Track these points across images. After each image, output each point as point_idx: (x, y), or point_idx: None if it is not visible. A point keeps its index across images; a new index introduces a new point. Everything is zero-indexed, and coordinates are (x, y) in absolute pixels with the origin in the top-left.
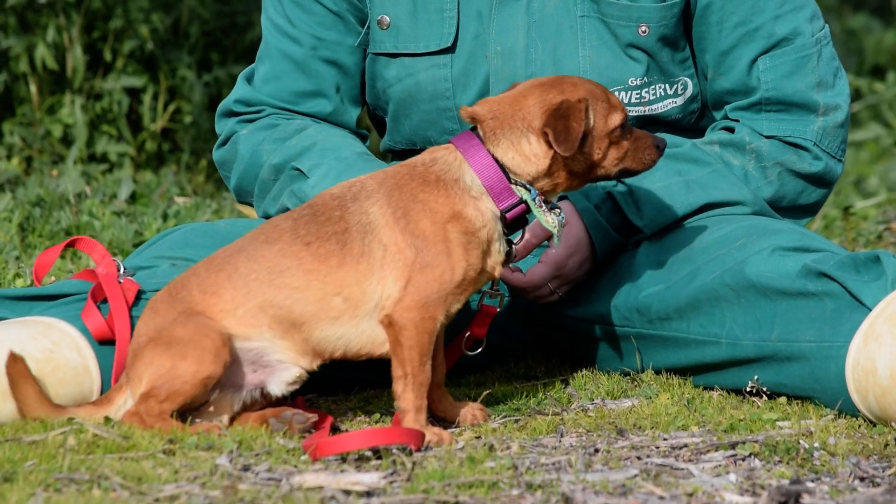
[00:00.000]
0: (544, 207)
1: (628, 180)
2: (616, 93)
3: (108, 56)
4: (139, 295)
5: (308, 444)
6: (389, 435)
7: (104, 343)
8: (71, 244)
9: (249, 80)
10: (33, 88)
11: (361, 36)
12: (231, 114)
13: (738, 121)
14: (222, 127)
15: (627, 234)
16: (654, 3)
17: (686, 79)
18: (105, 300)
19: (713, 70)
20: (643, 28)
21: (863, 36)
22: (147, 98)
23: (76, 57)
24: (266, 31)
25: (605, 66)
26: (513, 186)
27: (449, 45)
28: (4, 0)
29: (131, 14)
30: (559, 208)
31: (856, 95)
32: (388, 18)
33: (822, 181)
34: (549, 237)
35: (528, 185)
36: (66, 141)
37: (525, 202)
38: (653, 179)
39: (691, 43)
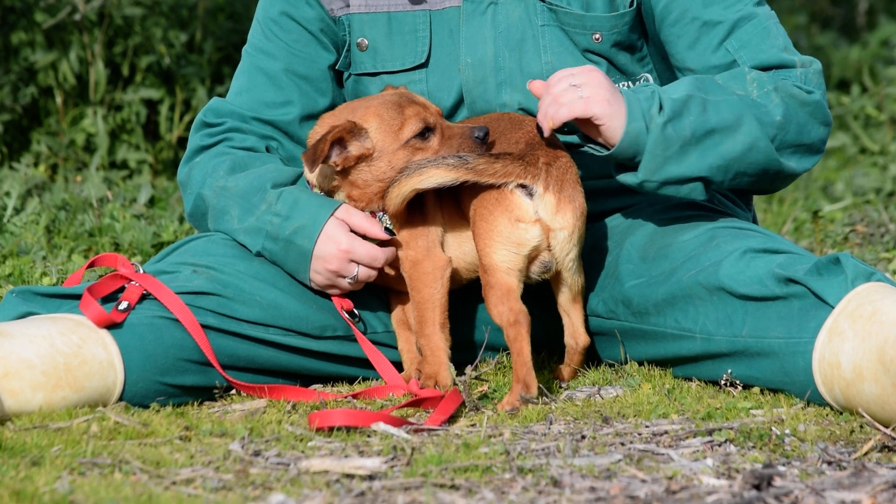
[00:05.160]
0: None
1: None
2: None
3: (125, 71)
4: (145, 296)
5: (313, 416)
6: (378, 416)
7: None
8: (92, 265)
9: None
10: (59, 100)
11: (341, 59)
12: (202, 125)
13: None
14: (191, 142)
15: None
16: (606, 13)
17: (647, 74)
18: (104, 297)
19: (685, 66)
20: (597, 35)
21: (829, 52)
22: (164, 109)
23: (98, 71)
24: (245, 52)
25: None
26: None
27: (423, 61)
28: (33, 18)
29: (150, 31)
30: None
31: None
32: (366, 41)
33: (821, 113)
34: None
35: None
36: (89, 149)
37: None
38: (678, 87)
39: (648, 41)
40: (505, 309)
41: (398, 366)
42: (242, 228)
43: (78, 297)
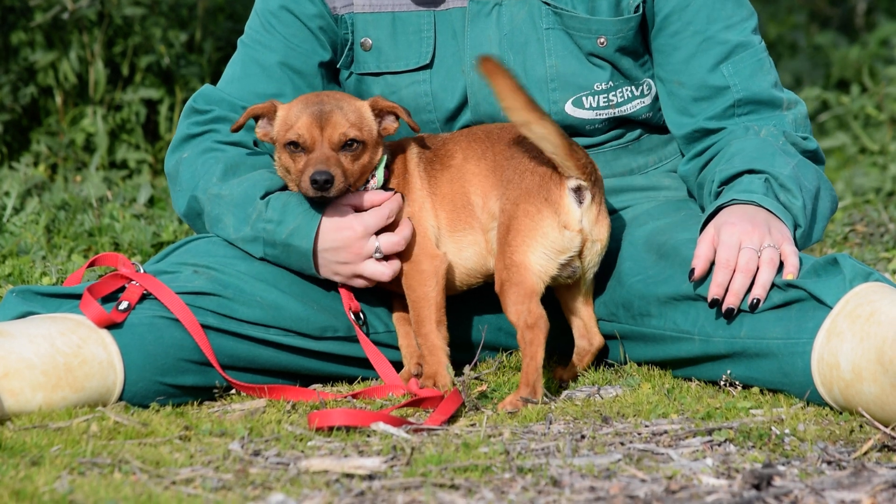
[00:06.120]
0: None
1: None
2: (584, 97)
3: (125, 70)
4: (145, 296)
5: (312, 415)
6: (378, 415)
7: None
8: (92, 264)
9: None
10: (58, 100)
11: (343, 57)
12: (191, 111)
13: (721, 128)
14: (179, 128)
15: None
16: (611, 17)
17: (648, 79)
18: (104, 297)
19: (675, 79)
20: (601, 40)
21: (829, 51)
22: (164, 109)
23: (98, 71)
24: (241, 42)
25: (571, 74)
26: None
27: (427, 62)
28: (32, 17)
29: (150, 31)
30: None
31: (823, 107)
32: (370, 41)
33: (819, 157)
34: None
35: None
36: (89, 149)
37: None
38: (783, 170)
39: (649, 50)
40: (524, 309)
41: (399, 366)
42: (240, 238)
43: (78, 296)
